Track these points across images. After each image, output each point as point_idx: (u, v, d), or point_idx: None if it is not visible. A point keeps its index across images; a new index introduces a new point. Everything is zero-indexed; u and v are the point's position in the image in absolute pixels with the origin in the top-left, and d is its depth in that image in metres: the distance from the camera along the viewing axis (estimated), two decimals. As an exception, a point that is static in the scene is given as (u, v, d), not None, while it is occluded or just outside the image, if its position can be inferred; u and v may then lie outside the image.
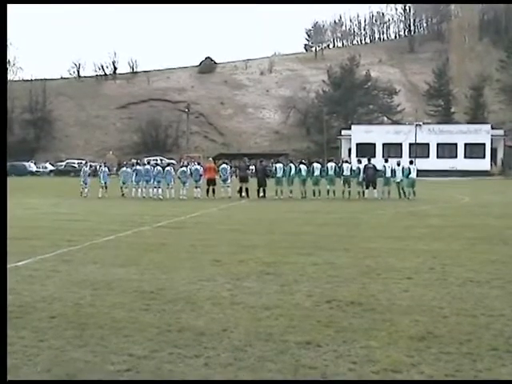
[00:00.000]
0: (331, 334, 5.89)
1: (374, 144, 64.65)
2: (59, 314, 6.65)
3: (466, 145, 66.06)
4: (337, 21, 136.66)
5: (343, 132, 72.79)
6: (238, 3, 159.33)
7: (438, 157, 66.52)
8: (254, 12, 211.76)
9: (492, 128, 68.29)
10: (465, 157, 65.79)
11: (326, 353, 5.34)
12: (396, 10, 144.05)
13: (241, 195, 28.08)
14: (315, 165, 29.05)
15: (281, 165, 29.36)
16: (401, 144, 65.93)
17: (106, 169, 30.63)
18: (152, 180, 28.77)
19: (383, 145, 65.15)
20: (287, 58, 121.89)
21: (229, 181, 28.94)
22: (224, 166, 29.83)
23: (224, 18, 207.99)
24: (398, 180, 27.45)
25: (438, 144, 66.87)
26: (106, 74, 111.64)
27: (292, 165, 29.48)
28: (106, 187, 29.47)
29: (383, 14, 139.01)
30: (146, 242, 12.52)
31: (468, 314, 6.57)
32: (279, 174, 28.73)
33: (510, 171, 63.66)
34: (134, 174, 29.33)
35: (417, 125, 66.15)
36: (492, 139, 66.35)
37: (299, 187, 28.34)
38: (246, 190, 28.09)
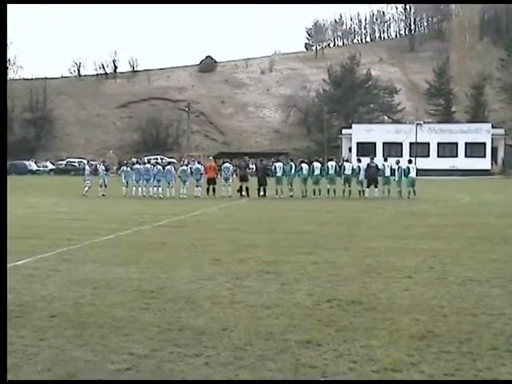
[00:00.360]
0: (331, 333, 5.88)
1: (375, 143, 64.65)
2: (59, 313, 6.65)
3: (466, 144, 66.04)
4: (337, 20, 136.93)
5: (344, 131, 72.79)
6: (239, 3, 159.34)
7: (438, 156, 66.52)
8: (254, 11, 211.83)
9: (492, 127, 68.26)
10: (465, 156, 65.78)
11: (326, 352, 5.34)
12: (396, 9, 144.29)
13: (241, 194, 28.09)
14: (315, 164, 29.04)
15: (280, 164, 29.33)
16: (401, 143, 65.95)
17: (103, 167, 30.63)
18: (152, 179, 28.79)
19: (384, 144, 65.11)
20: (288, 57, 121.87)
21: (230, 180, 28.97)
22: (227, 165, 29.84)
23: (224, 16, 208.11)
24: (397, 179, 27.48)
25: (438, 143, 66.86)
26: (106, 73, 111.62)
27: (292, 164, 29.48)
28: (105, 186, 29.51)
29: (384, 12, 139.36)
30: (146, 241, 12.52)
31: (468, 313, 6.57)
32: (279, 173, 28.72)
33: (511, 170, 63.62)
34: (134, 173, 29.37)
35: (417, 124, 66.14)
36: (492, 138, 66.33)
37: (300, 186, 28.33)
38: (247, 189, 28.08)
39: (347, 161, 31.76)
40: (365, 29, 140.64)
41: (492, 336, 5.75)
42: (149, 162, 31.74)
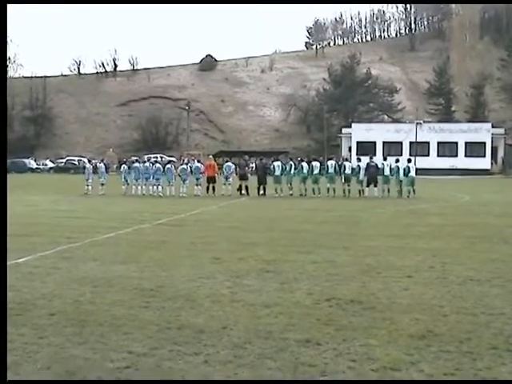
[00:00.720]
0: (331, 332, 5.88)
1: (375, 142, 64.64)
2: (59, 311, 6.65)
3: (466, 143, 65.99)
4: (337, 19, 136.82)
5: (344, 130, 72.75)
6: (239, 3, 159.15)
7: (438, 155, 66.47)
8: (254, 10, 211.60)
9: (492, 127, 68.19)
10: (465, 155, 65.73)
11: (325, 351, 5.34)
12: (397, 8, 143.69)
13: (241, 193, 28.10)
14: (314, 163, 29.01)
15: (279, 163, 29.32)
16: (401, 142, 65.92)
17: (103, 165, 30.60)
18: (151, 177, 28.79)
19: (383, 143, 65.10)
20: (288, 56, 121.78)
21: (230, 179, 28.99)
22: (229, 164, 29.92)
23: (225, 15, 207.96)
24: (396, 178, 27.47)
25: (438, 142, 66.81)
26: (106, 72, 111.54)
27: (291, 163, 29.46)
28: (103, 184, 29.46)
29: (384, 12, 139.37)
30: (146, 240, 12.52)
31: (468, 313, 6.57)
32: (277, 172, 28.70)
33: (511, 170, 63.59)
34: (133, 172, 29.38)
35: (417, 123, 66.14)
36: (492, 138, 66.27)
37: (299, 185, 28.32)
38: (246, 187, 28.10)
39: (347, 160, 31.76)
40: (365, 28, 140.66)
41: (491, 335, 5.75)
42: (148, 160, 31.74)
